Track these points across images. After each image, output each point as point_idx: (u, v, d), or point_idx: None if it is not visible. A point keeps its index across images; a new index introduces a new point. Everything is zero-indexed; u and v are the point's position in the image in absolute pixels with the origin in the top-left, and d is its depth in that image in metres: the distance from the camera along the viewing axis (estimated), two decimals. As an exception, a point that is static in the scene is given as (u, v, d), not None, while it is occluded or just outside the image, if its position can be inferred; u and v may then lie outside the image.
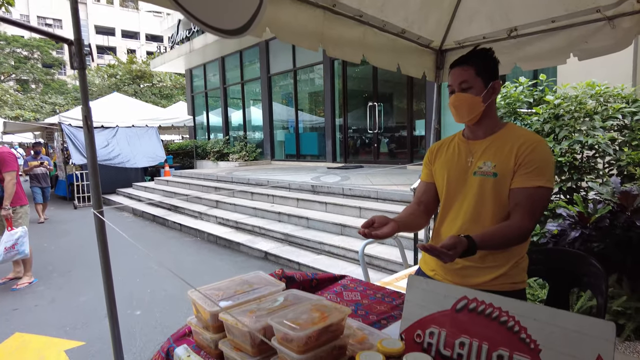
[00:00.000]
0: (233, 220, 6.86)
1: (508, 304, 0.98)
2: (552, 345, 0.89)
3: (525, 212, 1.46)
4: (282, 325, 1.04)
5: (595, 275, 1.97)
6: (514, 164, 1.49)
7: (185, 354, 1.36)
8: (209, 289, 1.45)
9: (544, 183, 1.44)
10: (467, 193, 1.60)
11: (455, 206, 1.65)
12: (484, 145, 1.58)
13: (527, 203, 1.46)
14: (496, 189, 1.52)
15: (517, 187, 1.48)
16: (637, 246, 2.87)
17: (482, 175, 1.54)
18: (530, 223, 1.45)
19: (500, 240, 1.49)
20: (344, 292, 1.84)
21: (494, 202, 1.53)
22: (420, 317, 1.12)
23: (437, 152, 1.76)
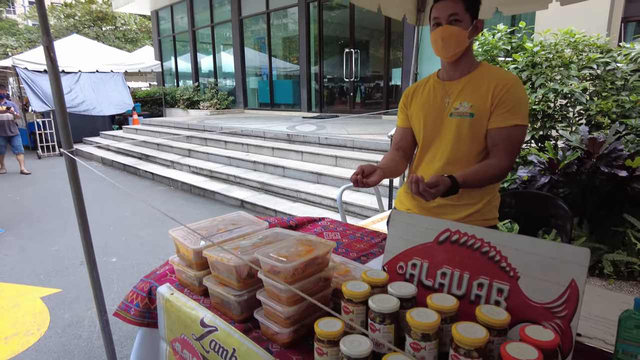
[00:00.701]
0: (207, 169, 6.75)
1: (490, 235, 1.01)
2: (530, 272, 0.94)
3: (504, 151, 1.50)
4: (269, 258, 1.05)
5: (561, 217, 2.07)
6: (491, 104, 1.50)
7: (169, 291, 1.36)
8: (193, 227, 1.43)
9: (520, 121, 1.48)
10: (444, 135, 1.60)
11: (432, 148, 1.66)
12: (460, 86, 1.57)
13: (506, 142, 1.50)
14: (473, 129, 1.53)
15: (495, 127, 1.50)
16: (599, 191, 3.03)
17: (459, 116, 1.55)
18: (509, 161, 1.50)
19: (482, 179, 1.53)
20: (324, 232, 1.87)
21: (471, 142, 1.56)
22: (403, 249, 1.15)
23: (412, 96, 1.74)
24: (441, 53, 1.54)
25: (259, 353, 1.03)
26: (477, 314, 0.89)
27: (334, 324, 0.94)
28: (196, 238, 1.35)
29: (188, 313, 1.25)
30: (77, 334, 2.71)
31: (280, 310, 1.03)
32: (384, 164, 1.67)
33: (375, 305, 0.91)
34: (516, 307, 0.94)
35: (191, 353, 1.25)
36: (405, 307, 0.97)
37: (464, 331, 0.81)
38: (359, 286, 1.00)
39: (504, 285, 0.97)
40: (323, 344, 0.91)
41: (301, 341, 1.09)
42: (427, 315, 0.86)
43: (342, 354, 0.86)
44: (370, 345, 0.86)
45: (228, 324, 1.15)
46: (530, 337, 0.79)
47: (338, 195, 2.65)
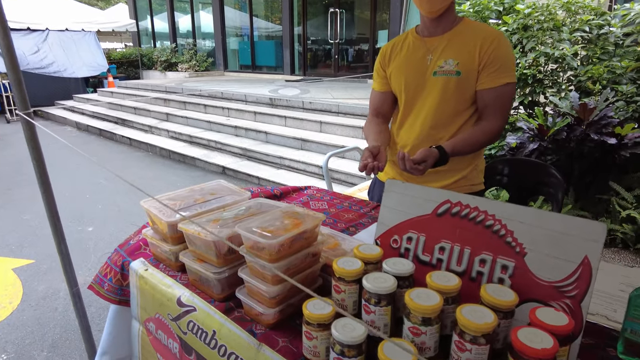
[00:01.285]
0: (186, 134, 6.52)
1: (494, 207, 0.92)
2: (538, 247, 0.86)
3: (495, 112, 1.44)
4: (252, 233, 0.94)
5: (554, 186, 2.02)
6: (478, 64, 1.41)
7: (143, 267, 1.26)
8: (166, 198, 1.31)
9: (510, 79, 1.41)
10: (427, 95, 1.50)
11: (414, 110, 1.56)
12: (444, 42, 1.46)
13: (497, 103, 1.43)
14: (460, 88, 1.45)
15: (485, 88, 1.43)
16: (587, 158, 3.00)
17: (444, 74, 1.45)
18: (501, 121, 1.44)
19: (474, 145, 1.48)
20: (310, 201, 1.77)
21: (456, 102, 1.47)
22: (398, 222, 1.06)
23: (390, 55, 1.61)
24: (425, 8, 1.41)
25: (242, 336, 0.94)
26: (482, 294, 0.81)
27: (323, 305, 0.85)
28: (172, 209, 1.23)
29: (164, 291, 1.15)
30: (52, 307, 2.60)
31: (264, 290, 0.94)
32: (380, 139, 1.59)
33: (370, 286, 0.82)
34: (522, 286, 0.87)
35: (166, 334, 1.15)
36: (401, 286, 0.88)
37: (470, 315, 0.73)
38: (351, 263, 0.91)
39: (509, 262, 0.89)
40: (312, 328, 0.83)
41: (288, 321, 1.01)
42: (428, 297, 0.78)
43: (333, 340, 0.77)
44: (365, 330, 0.77)
45: (207, 304, 1.05)
46: (543, 321, 0.72)
47: (324, 163, 2.54)
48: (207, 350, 1.00)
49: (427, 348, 0.78)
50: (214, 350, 0.98)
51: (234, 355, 0.94)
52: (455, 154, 1.44)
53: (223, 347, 0.97)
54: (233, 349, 0.94)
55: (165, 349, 1.19)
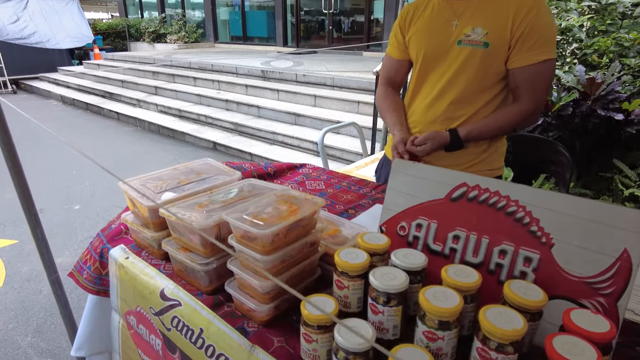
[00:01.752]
0: (176, 108, 6.30)
1: (519, 192, 0.81)
2: (568, 238, 0.75)
3: (528, 94, 1.26)
4: (242, 222, 0.82)
5: (562, 165, 1.92)
6: (511, 35, 1.23)
7: (123, 255, 1.14)
8: (147, 179, 1.18)
9: (549, 55, 1.22)
10: (448, 66, 1.34)
11: (431, 81, 1.40)
12: (473, 6, 1.28)
13: (531, 83, 1.25)
14: (485, 62, 1.28)
15: (519, 66, 1.24)
16: (592, 135, 2.90)
17: (470, 44, 1.28)
18: (534, 105, 1.26)
19: (496, 131, 1.32)
20: (306, 181, 1.66)
21: (480, 78, 1.30)
22: (406, 207, 0.95)
23: (412, 17, 1.43)
24: None
25: (232, 336, 0.84)
26: (506, 293, 0.71)
27: (324, 303, 0.75)
28: (153, 191, 1.11)
29: (145, 282, 1.04)
30: (36, 289, 2.50)
31: (257, 284, 0.83)
32: (402, 119, 1.47)
33: (378, 283, 0.72)
34: (547, 281, 0.77)
35: (148, 329, 1.05)
36: (412, 282, 0.78)
37: (496, 319, 0.63)
38: (355, 255, 0.80)
39: (533, 254, 0.79)
40: (312, 330, 0.73)
41: (283, 317, 0.91)
42: (446, 297, 0.68)
43: (337, 345, 0.67)
44: (373, 334, 0.67)
45: (194, 298, 0.94)
46: (580, 326, 0.62)
47: (319, 139, 2.41)
48: (193, 350, 0.90)
49: (444, 354, 0.68)
50: (200, 350, 0.89)
51: (223, 357, 0.84)
52: (472, 140, 1.30)
53: (211, 347, 0.87)
54: (222, 349, 0.84)
55: (147, 344, 1.09)
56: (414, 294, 0.80)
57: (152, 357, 1.12)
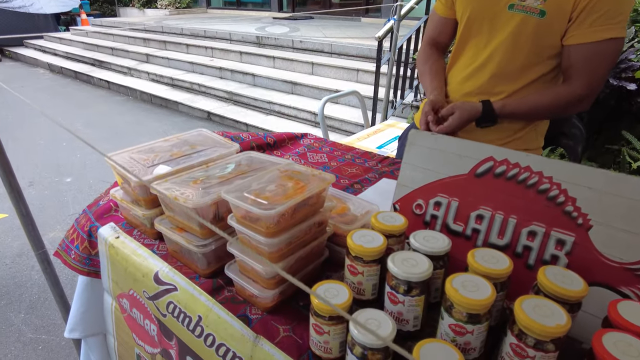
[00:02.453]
0: (168, 77, 6.08)
1: (553, 168, 0.72)
2: (608, 220, 0.67)
3: (582, 75, 1.11)
4: (244, 201, 0.74)
5: (575, 138, 1.83)
6: (573, 6, 1.05)
7: (113, 234, 1.06)
8: (136, 151, 1.08)
9: (617, 33, 1.04)
10: (494, 33, 1.19)
11: (471, 48, 1.26)
12: None
13: (588, 64, 1.09)
14: (539, 33, 1.12)
15: (577, 43, 1.08)
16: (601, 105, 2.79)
17: (523, 11, 1.11)
18: (589, 89, 1.11)
19: (538, 111, 1.17)
20: (307, 152, 1.56)
21: (527, 52, 1.15)
22: (423, 183, 0.86)
23: None
24: None
25: (234, 325, 0.77)
26: (542, 280, 0.63)
27: (337, 290, 0.67)
28: (143, 165, 1.01)
29: (138, 264, 0.96)
30: (28, 265, 2.43)
31: (260, 269, 0.75)
32: (439, 85, 1.32)
33: (398, 270, 0.64)
34: (583, 266, 0.69)
35: (142, 314, 0.98)
36: (435, 267, 0.70)
37: (534, 313, 0.55)
38: (370, 238, 0.72)
39: (568, 236, 0.71)
40: (324, 321, 0.65)
41: (289, 302, 0.84)
42: (476, 286, 0.60)
43: (353, 340, 0.60)
44: (394, 328, 0.60)
45: (191, 282, 0.87)
46: (631, 321, 0.55)
47: (320, 109, 2.29)
48: (191, 338, 0.83)
49: (472, 349, 0.61)
50: (199, 338, 0.82)
51: (224, 347, 0.77)
52: (508, 115, 1.17)
53: (211, 336, 0.80)
54: (223, 339, 0.77)
55: (141, 329, 1.03)
56: (436, 281, 0.73)
57: (148, 342, 1.06)
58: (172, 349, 0.96)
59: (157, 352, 1.05)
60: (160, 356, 1.04)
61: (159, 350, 1.03)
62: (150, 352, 1.08)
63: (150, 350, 1.08)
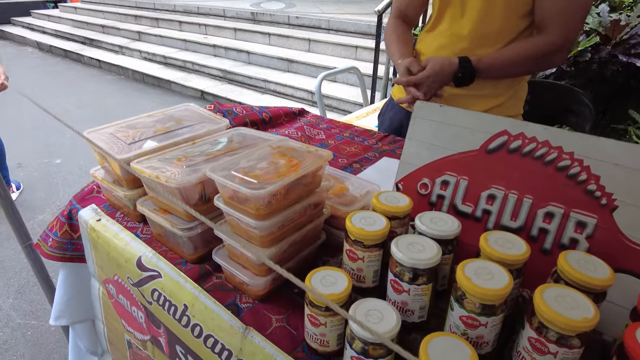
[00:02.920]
0: (160, 55, 5.91)
1: (574, 142, 0.65)
2: (637, 200, 0.60)
3: (556, 24, 1.07)
4: (231, 179, 0.66)
5: (584, 116, 1.76)
6: None
7: (94, 217, 0.98)
8: (117, 128, 1.00)
9: None
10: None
11: (446, 19, 1.21)
12: None
13: (561, 11, 1.05)
14: None
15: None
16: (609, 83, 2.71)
17: None
18: (564, 38, 1.07)
19: (516, 64, 1.12)
20: (305, 126, 1.48)
21: (504, 10, 1.11)
22: (429, 160, 0.79)
23: None
24: None
25: (222, 315, 0.70)
26: (563, 267, 0.57)
27: (334, 279, 0.61)
28: (124, 142, 0.93)
29: (120, 249, 0.89)
30: (17, 249, 2.35)
31: (251, 254, 0.68)
32: (409, 48, 1.28)
33: (403, 256, 0.57)
34: (605, 251, 0.63)
35: (129, 300, 0.92)
36: (443, 252, 0.64)
37: (558, 304, 0.49)
38: (372, 221, 0.65)
39: (589, 218, 0.64)
40: (320, 312, 0.59)
41: (283, 289, 0.77)
42: (491, 274, 0.53)
43: (352, 334, 0.54)
44: (398, 321, 0.53)
45: (176, 269, 0.80)
46: (668, 314, 0.49)
47: (317, 86, 2.20)
48: (179, 328, 0.77)
49: (485, 343, 0.55)
50: (186, 328, 0.75)
51: (212, 339, 0.71)
52: (486, 70, 1.12)
53: (198, 326, 0.73)
54: (211, 330, 0.71)
55: (129, 316, 0.97)
56: (444, 267, 0.66)
57: (137, 329, 1.00)
58: (161, 337, 0.90)
59: (147, 339, 1.00)
60: (151, 343, 0.99)
61: (149, 338, 0.97)
62: (141, 339, 1.02)
63: (141, 337, 1.02)
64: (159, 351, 0.95)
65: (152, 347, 0.98)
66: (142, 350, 1.04)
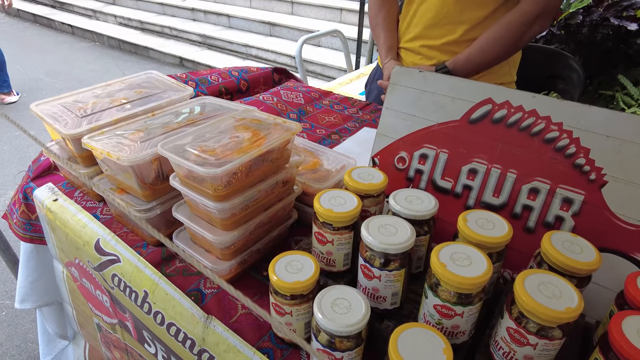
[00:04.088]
0: (137, 20, 5.62)
1: (564, 111, 0.59)
2: (627, 175, 0.56)
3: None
4: (186, 157, 0.59)
5: (573, 82, 1.69)
6: None
7: (51, 197, 0.91)
8: (70, 99, 0.91)
9: None
10: None
11: None
12: None
13: None
14: None
15: None
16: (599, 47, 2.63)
17: None
18: (543, 5, 0.99)
19: (493, 47, 1.07)
20: (282, 91, 1.39)
21: None
22: (408, 132, 0.73)
23: None
24: None
25: (182, 303, 0.65)
26: (547, 250, 0.52)
27: (301, 264, 0.55)
28: (77, 115, 0.85)
29: (78, 231, 0.83)
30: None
31: (212, 238, 0.63)
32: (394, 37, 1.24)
33: (374, 240, 0.52)
34: (592, 229, 0.59)
35: (92, 284, 0.87)
36: (418, 233, 0.59)
37: (539, 292, 0.44)
38: (342, 200, 0.60)
39: (576, 194, 0.59)
40: (285, 300, 0.54)
41: (251, 272, 0.73)
42: (468, 259, 0.49)
43: (318, 325, 0.49)
44: (367, 311, 0.49)
45: (135, 253, 0.74)
46: (657, 301, 0.45)
47: (297, 50, 2.08)
48: (142, 314, 0.72)
49: (461, 333, 0.51)
50: (149, 315, 0.71)
51: (174, 327, 0.66)
52: (464, 66, 1.08)
53: (160, 313, 0.68)
54: (172, 319, 0.66)
55: (95, 299, 0.91)
56: (420, 248, 0.62)
57: (104, 312, 0.95)
58: (127, 321, 0.86)
59: (115, 323, 0.95)
60: (120, 327, 0.94)
61: (117, 322, 0.93)
62: (109, 322, 0.98)
63: (109, 321, 0.98)
64: (128, 335, 0.91)
65: (122, 331, 0.93)
66: (112, 334, 0.99)
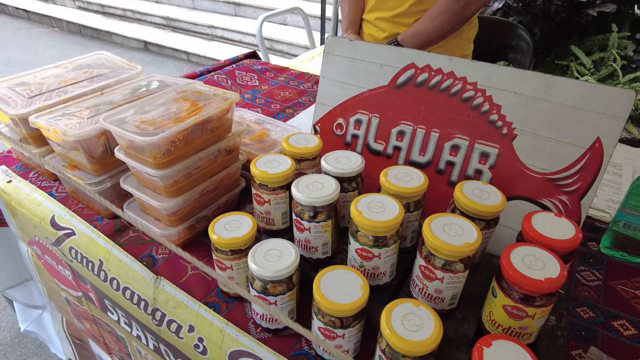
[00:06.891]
0: (97, 3, 5.42)
1: (477, 72, 0.65)
2: (533, 127, 0.62)
3: None
4: (124, 128, 0.62)
5: (522, 50, 1.77)
6: None
7: (4, 179, 0.92)
8: (17, 81, 0.92)
9: None
10: None
11: None
12: None
13: None
14: None
15: None
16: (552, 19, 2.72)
17: None
18: None
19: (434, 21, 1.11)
20: (236, 71, 1.41)
21: None
22: (343, 99, 0.77)
23: None
24: None
25: (134, 267, 0.69)
26: (457, 197, 0.58)
27: (239, 223, 0.60)
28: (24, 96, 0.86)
29: (33, 209, 0.85)
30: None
31: (158, 205, 0.66)
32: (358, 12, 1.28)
33: (301, 195, 0.57)
34: (506, 179, 0.65)
35: (54, 260, 0.89)
36: (347, 189, 0.64)
37: (443, 232, 0.50)
38: (277, 163, 0.64)
39: (492, 148, 0.66)
40: (225, 256, 0.59)
41: (201, 237, 0.77)
42: (383, 207, 0.54)
43: (252, 274, 0.54)
44: (296, 257, 0.54)
45: (88, 225, 0.77)
46: (541, 233, 0.51)
47: (257, 28, 2.09)
48: (100, 283, 0.76)
49: (381, 274, 0.57)
50: (106, 283, 0.74)
51: (129, 291, 0.70)
52: (413, 41, 1.12)
53: (115, 280, 0.72)
54: (126, 283, 0.70)
55: (59, 274, 0.94)
56: (348, 204, 0.67)
57: (69, 286, 0.98)
58: (90, 292, 0.89)
59: (80, 296, 0.98)
60: (84, 299, 0.98)
61: (81, 294, 0.96)
62: (75, 295, 1.01)
63: (75, 294, 1.01)
64: (93, 305, 0.94)
65: (87, 302, 0.97)
66: (80, 306, 1.03)
